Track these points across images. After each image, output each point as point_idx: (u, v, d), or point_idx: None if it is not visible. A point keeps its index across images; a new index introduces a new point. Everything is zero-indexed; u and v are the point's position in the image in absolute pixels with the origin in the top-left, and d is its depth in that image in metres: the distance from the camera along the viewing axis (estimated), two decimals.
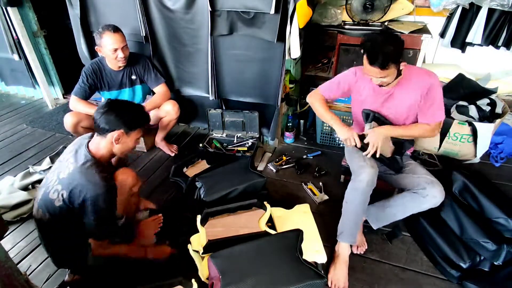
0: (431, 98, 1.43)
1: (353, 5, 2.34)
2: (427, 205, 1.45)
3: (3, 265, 0.82)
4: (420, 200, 1.46)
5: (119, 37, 1.92)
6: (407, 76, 1.47)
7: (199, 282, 1.27)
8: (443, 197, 1.44)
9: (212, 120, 2.42)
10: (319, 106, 1.67)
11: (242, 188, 1.73)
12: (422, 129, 1.50)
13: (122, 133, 1.29)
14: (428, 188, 1.45)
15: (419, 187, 1.47)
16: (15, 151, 2.54)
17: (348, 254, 1.52)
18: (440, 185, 1.47)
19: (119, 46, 1.92)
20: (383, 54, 1.29)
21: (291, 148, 2.48)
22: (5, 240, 1.71)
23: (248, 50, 2.03)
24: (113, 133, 1.27)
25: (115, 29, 1.91)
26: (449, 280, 1.46)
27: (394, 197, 1.57)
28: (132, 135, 1.34)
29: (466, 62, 2.54)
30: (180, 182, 2.03)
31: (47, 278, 1.51)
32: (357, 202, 1.48)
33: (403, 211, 1.52)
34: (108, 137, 1.28)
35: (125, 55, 1.98)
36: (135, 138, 1.36)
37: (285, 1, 1.77)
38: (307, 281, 1.08)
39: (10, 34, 2.86)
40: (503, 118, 2.03)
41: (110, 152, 1.32)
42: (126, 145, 1.35)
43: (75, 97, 2.04)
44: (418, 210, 1.48)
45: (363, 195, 1.46)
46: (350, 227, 1.51)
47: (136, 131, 1.35)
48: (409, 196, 1.50)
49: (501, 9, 2.15)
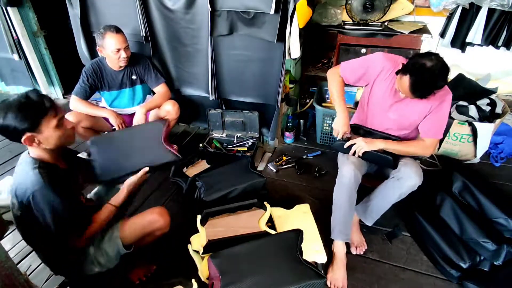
0: (438, 114, 1.41)
1: (353, 5, 2.34)
2: (404, 188, 1.43)
3: (3, 265, 0.82)
4: (396, 184, 1.45)
5: (121, 38, 1.92)
6: None
7: (199, 282, 1.27)
8: (419, 177, 1.42)
9: (212, 120, 2.42)
10: (335, 90, 1.59)
11: (242, 188, 1.73)
12: (416, 146, 1.48)
13: (29, 136, 1.11)
14: (402, 169, 1.44)
15: (395, 172, 1.48)
16: (15, 151, 2.54)
17: (343, 252, 1.52)
18: (416, 166, 1.45)
19: (121, 47, 1.92)
20: (430, 89, 1.25)
21: (291, 148, 2.48)
22: (5, 240, 1.71)
23: (248, 50, 2.03)
24: (22, 139, 1.12)
25: (117, 29, 1.90)
26: (449, 280, 1.46)
27: (376, 190, 1.58)
28: (43, 129, 1.12)
29: (466, 62, 2.54)
30: (180, 182, 2.03)
31: (47, 278, 1.50)
32: (342, 198, 1.50)
33: (386, 201, 1.52)
34: (24, 143, 1.13)
35: (127, 55, 1.98)
36: (51, 129, 1.14)
37: (285, 1, 1.77)
38: (307, 281, 1.08)
39: (10, 34, 2.86)
40: (503, 118, 2.03)
41: (44, 151, 1.18)
42: (51, 139, 1.15)
43: (75, 97, 2.04)
44: (398, 195, 1.46)
45: (348, 191, 1.48)
46: (340, 224, 1.53)
47: (44, 123, 1.12)
48: (387, 184, 1.51)
49: (501, 9, 2.15)
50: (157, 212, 1.34)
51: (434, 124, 1.44)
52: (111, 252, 1.30)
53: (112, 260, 1.31)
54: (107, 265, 1.32)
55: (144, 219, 1.34)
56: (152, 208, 1.37)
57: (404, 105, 1.48)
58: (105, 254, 1.30)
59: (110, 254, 1.30)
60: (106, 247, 1.30)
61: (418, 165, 1.49)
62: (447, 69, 1.26)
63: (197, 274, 1.34)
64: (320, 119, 2.33)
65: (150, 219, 1.33)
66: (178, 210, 1.89)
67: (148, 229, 1.33)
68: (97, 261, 1.31)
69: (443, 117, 1.43)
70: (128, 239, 1.31)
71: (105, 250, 1.30)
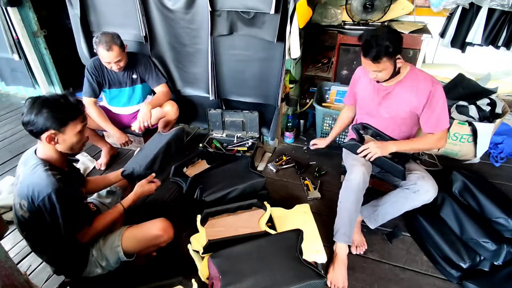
0: (433, 107, 1.41)
1: (353, 5, 2.34)
2: (419, 201, 1.44)
3: (3, 265, 0.82)
4: (411, 196, 1.44)
5: (113, 55, 1.89)
6: (410, 77, 1.46)
7: (199, 282, 1.27)
8: (435, 191, 1.43)
9: (212, 120, 2.42)
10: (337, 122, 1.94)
11: (242, 188, 1.73)
12: (428, 141, 1.47)
13: (52, 133, 1.15)
14: (419, 183, 1.43)
15: (410, 183, 1.47)
16: (15, 151, 2.54)
17: (345, 254, 1.52)
18: (432, 179, 1.46)
19: (112, 61, 1.93)
20: (377, 47, 1.31)
21: (291, 148, 2.48)
22: (5, 240, 1.71)
23: (248, 50, 2.03)
24: (44, 135, 1.15)
25: (109, 46, 1.86)
26: (449, 280, 1.46)
27: (387, 195, 1.57)
28: (67, 131, 1.17)
29: (466, 62, 2.54)
30: (180, 182, 2.03)
31: (47, 278, 1.51)
32: (350, 201, 1.48)
33: (396, 209, 1.51)
34: (43, 140, 1.16)
35: (118, 67, 1.99)
36: (74, 133, 1.19)
37: (285, 1, 1.77)
38: (307, 281, 1.08)
39: (10, 34, 2.86)
40: (503, 118, 2.03)
41: (56, 153, 1.21)
42: (68, 142, 1.20)
43: (87, 99, 2.06)
44: (411, 206, 1.47)
45: (355, 194, 1.46)
46: (344, 227, 1.51)
47: (70, 126, 1.17)
48: (401, 193, 1.49)
49: (501, 9, 2.15)
50: (161, 229, 1.34)
51: (432, 118, 1.43)
52: (112, 259, 1.32)
53: (113, 265, 1.34)
54: (108, 268, 1.34)
55: (148, 232, 1.34)
56: (157, 221, 1.37)
57: (391, 100, 1.51)
58: (105, 260, 1.32)
59: (111, 261, 1.33)
60: (107, 254, 1.32)
61: (433, 179, 1.47)
62: (394, 32, 1.37)
63: (197, 274, 1.34)
64: (320, 119, 2.33)
65: (154, 234, 1.33)
66: (178, 210, 1.89)
67: (151, 243, 1.35)
68: (99, 264, 1.33)
69: (440, 107, 1.41)
70: (130, 248, 1.32)
71: (106, 256, 1.32)
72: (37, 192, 1.12)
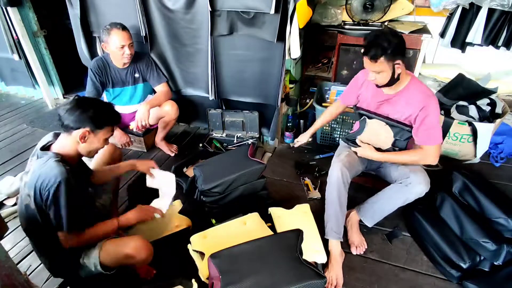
0: (425, 120, 1.42)
1: (353, 5, 2.34)
2: (412, 194, 1.46)
3: (3, 265, 0.82)
4: (404, 189, 1.47)
5: (127, 35, 1.97)
6: (409, 88, 1.47)
7: (199, 282, 1.27)
8: (427, 184, 1.45)
9: (212, 120, 2.42)
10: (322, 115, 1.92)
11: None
12: (414, 154, 1.48)
13: (88, 131, 1.20)
14: (412, 176, 1.46)
15: (403, 177, 1.50)
16: (15, 151, 2.54)
17: (338, 250, 1.52)
18: (424, 173, 1.48)
19: (126, 43, 1.97)
20: (376, 45, 1.33)
21: (291, 148, 2.47)
22: (5, 240, 1.71)
23: (248, 50, 2.03)
24: (78, 131, 1.19)
25: (123, 27, 1.96)
26: (449, 280, 1.46)
27: (381, 192, 1.59)
28: (99, 134, 1.24)
29: (466, 62, 2.54)
30: (180, 182, 2.03)
31: (47, 278, 1.50)
32: (333, 196, 1.53)
33: (391, 204, 1.54)
34: (73, 135, 1.20)
35: (131, 52, 2.03)
36: (103, 138, 1.27)
37: (285, 1, 1.77)
38: (307, 281, 1.08)
39: (10, 34, 2.86)
40: (503, 118, 2.03)
41: (75, 151, 1.24)
42: (93, 145, 1.25)
43: None
44: (405, 200, 1.49)
45: (336, 188, 1.51)
46: (331, 221, 1.54)
47: (104, 130, 1.25)
48: (394, 188, 1.53)
49: (501, 9, 2.15)
50: (133, 248, 1.26)
51: (425, 130, 1.44)
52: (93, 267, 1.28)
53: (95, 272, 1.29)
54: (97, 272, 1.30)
55: (121, 250, 1.27)
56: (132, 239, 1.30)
57: (389, 104, 1.54)
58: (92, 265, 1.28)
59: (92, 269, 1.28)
60: (85, 262, 1.29)
61: (426, 173, 1.50)
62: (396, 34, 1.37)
63: (197, 274, 1.34)
64: None
65: (125, 253, 1.26)
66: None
67: (124, 261, 1.29)
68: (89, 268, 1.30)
69: (433, 122, 1.42)
70: (107, 262, 1.28)
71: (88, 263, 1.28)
72: (47, 180, 1.12)
